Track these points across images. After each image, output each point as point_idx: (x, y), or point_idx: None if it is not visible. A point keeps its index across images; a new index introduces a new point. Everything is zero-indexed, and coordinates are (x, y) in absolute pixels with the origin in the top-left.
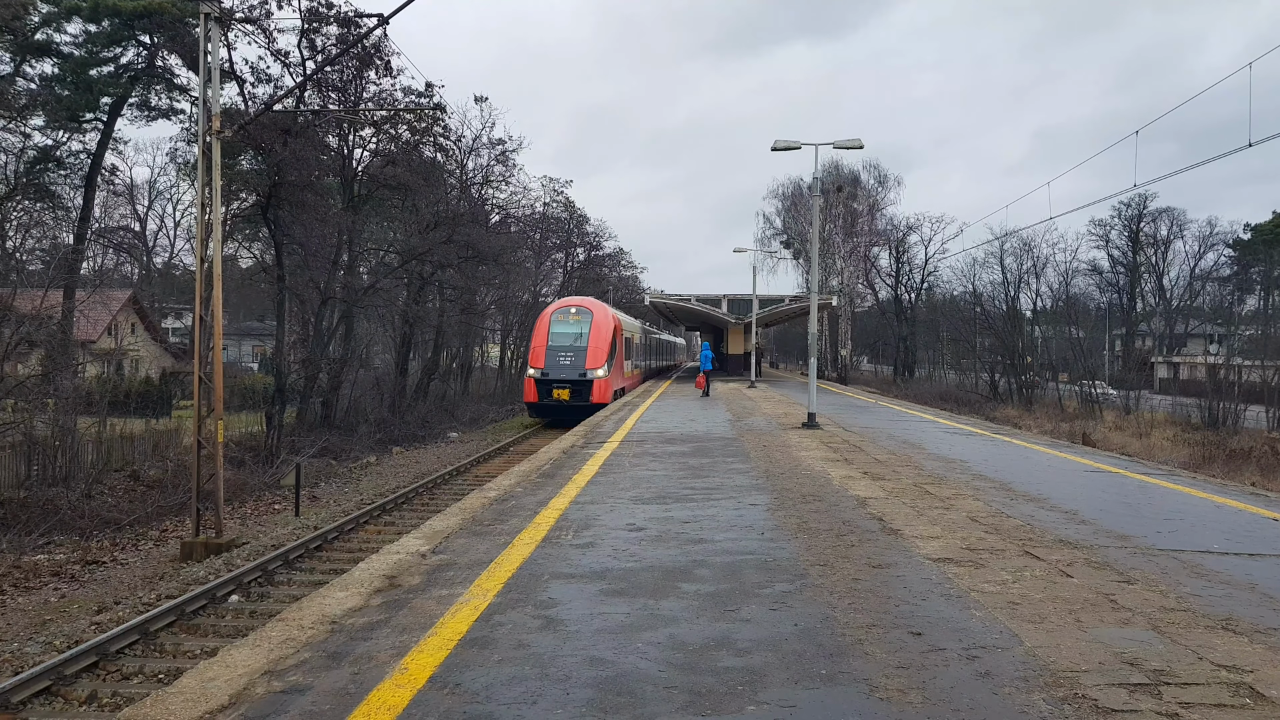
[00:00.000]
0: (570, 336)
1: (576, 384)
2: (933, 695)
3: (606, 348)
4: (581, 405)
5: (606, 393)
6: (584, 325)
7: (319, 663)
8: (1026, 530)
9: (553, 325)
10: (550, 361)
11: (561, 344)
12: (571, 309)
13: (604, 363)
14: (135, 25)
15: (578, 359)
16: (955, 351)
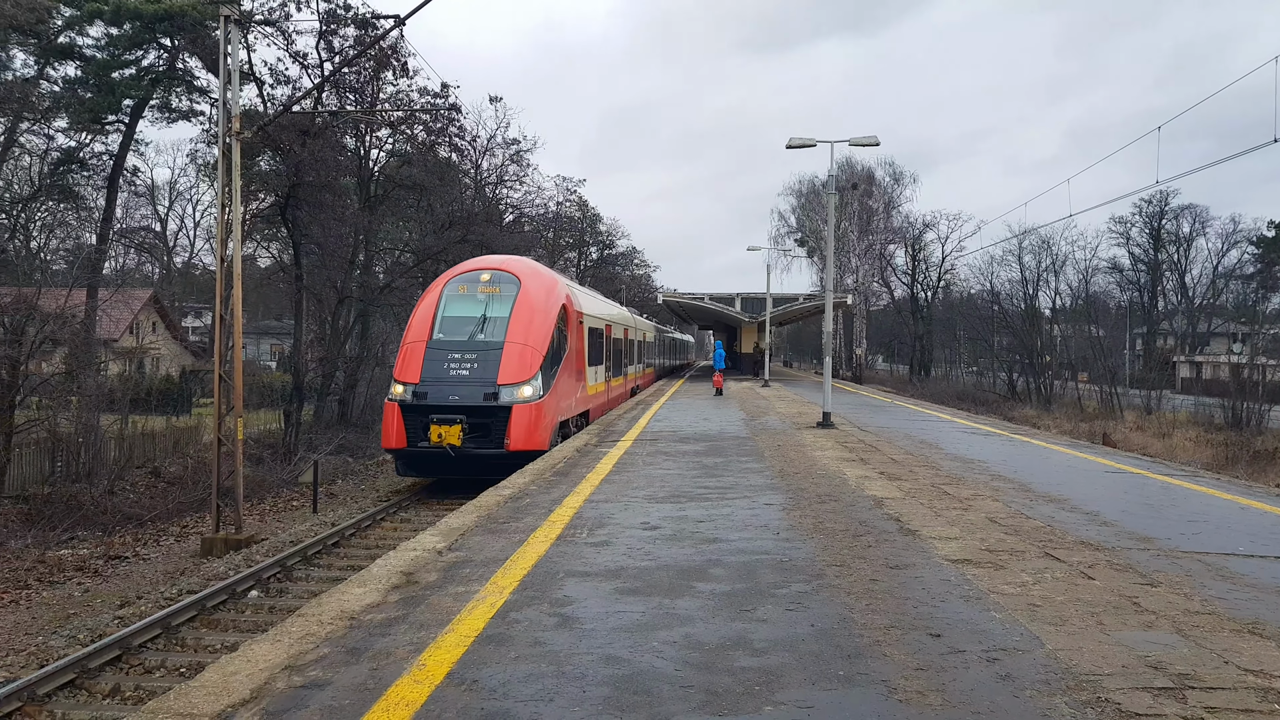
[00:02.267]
0: (473, 324)
1: (477, 415)
2: (952, 697)
3: (542, 344)
4: (486, 455)
5: (538, 429)
6: (502, 303)
7: (338, 658)
8: (1047, 531)
9: (444, 305)
10: (431, 371)
11: (456, 337)
12: (483, 273)
13: (535, 372)
14: (156, 28)
15: (483, 365)
16: (972, 350)
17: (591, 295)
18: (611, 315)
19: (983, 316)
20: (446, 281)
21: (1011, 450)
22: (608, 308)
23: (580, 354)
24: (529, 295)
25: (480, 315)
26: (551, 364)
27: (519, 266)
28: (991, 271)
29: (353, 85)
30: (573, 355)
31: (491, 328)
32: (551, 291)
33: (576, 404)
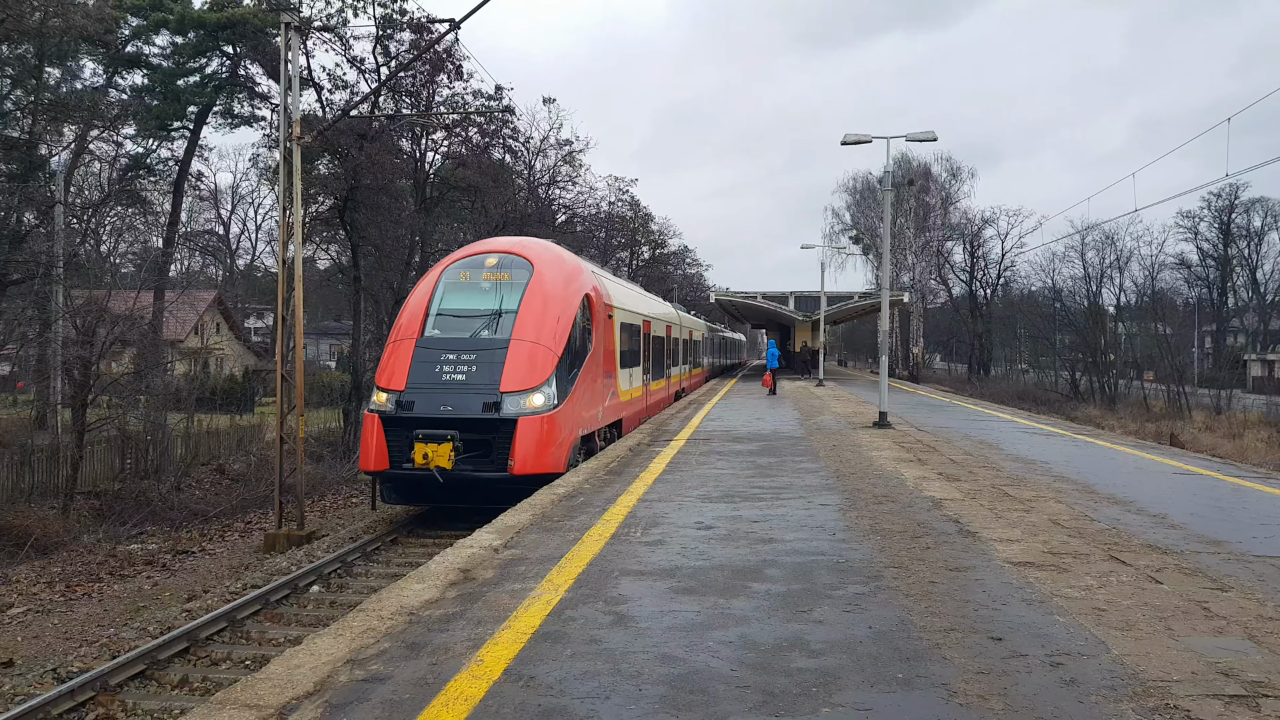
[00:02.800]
0: (474, 317)
1: (474, 429)
2: (1015, 702)
3: (558, 342)
4: (485, 480)
5: (551, 447)
6: (511, 292)
7: (398, 653)
8: (1112, 534)
9: (441, 295)
10: (420, 375)
11: (453, 334)
12: (489, 257)
13: (547, 376)
14: (219, 36)
15: (484, 369)
16: (1033, 349)
17: (627, 287)
18: (652, 311)
19: (1044, 314)
20: (445, 267)
21: (1074, 451)
22: (647, 302)
23: (610, 354)
24: (544, 283)
25: (483, 307)
26: (570, 366)
27: (533, 249)
28: (1053, 268)
29: (408, 89)
30: (599, 355)
31: (496, 322)
32: (573, 279)
33: (605, 413)
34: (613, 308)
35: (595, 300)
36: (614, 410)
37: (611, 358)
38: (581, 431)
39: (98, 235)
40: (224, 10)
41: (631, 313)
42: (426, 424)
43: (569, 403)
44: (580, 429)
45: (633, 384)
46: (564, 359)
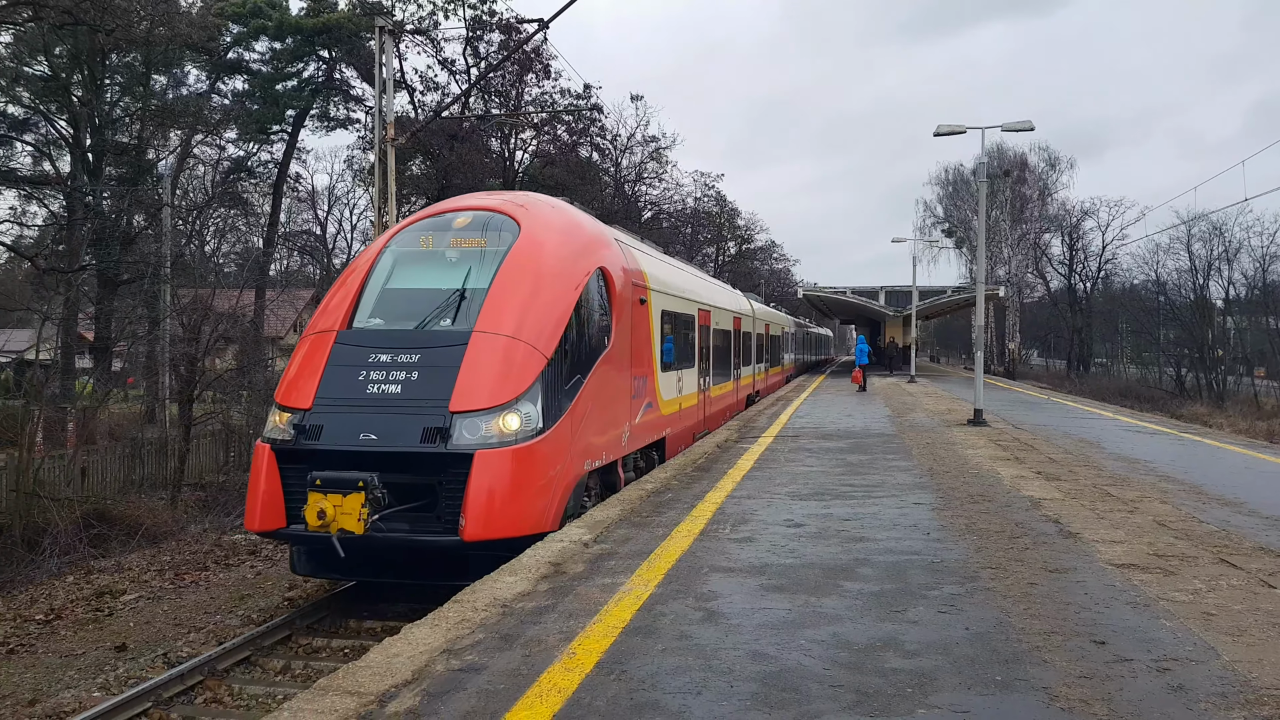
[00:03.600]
0: (427, 300)
1: (404, 469)
2: (1119, 708)
3: (548, 333)
4: (421, 545)
5: (526, 495)
6: (483, 264)
7: (492, 644)
8: (1221, 536)
9: (384, 269)
10: (336, 387)
11: (395, 324)
12: (459, 216)
13: (528, 385)
14: (315, 41)
15: (429, 376)
16: (1136, 345)
17: (677, 266)
18: (713, 298)
19: (1147, 308)
20: (398, 230)
21: (1180, 450)
22: (707, 287)
23: (644, 352)
24: (535, 252)
25: (442, 286)
26: (571, 370)
27: (525, 205)
28: (1157, 260)
29: (497, 89)
30: (624, 354)
31: (456, 308)
32: (585, 250)
33: (634, 433)
34: (649, 290)
35: (618, 278)
36: (650, 428)
37: (646, 357)
38: (592, 464)
39: (202, 236)
40: (320, 16)
41: (680, 298)
42: (333, 461)
43: (566, 424)
44: (588, 460)
45: (682, 390)
46: (558, 360)
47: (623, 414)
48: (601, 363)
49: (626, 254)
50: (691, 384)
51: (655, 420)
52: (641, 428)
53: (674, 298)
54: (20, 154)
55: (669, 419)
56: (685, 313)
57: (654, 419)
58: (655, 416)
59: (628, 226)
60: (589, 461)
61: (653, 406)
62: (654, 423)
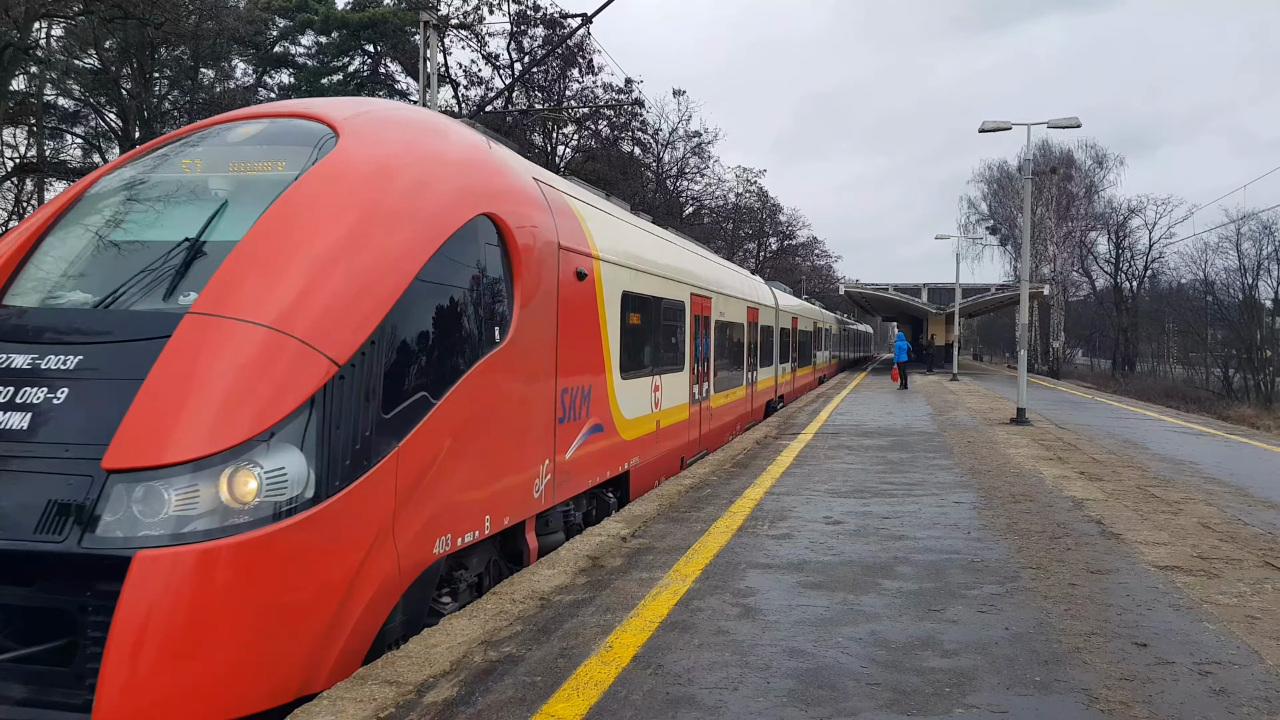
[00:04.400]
0: (144, 261)
1: (23, 575)
2: (1160, 710)
3: (347, 319)
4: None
5: (270, 645)
6: (257, 197)
7: (530, 636)
8: (1268, 540)
9: (106, 203)
10: None
11: (60, 301)
12: (250, 124)
13: (287, 412)
14: (361, 35)
15: (82, 398)
16: (1183, 345)
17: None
18: (717, 282)
19: (1194, 308)
20: (144, 150)
21: (1227, 452)
22: (708, 268)
23: (587, 350)
24: (343, 176)
25: (175, 238)
26: (413, 381)
27: (350, 112)
28: (1205, 259)
29: (540, 84)
30: (539, 352)
31: (177, 272)
32: (450, 178)
33: (565, 473)
34: (597, 260)
35: (525, 235)
36: (599, 461)
37: (591, 358)
38: (455, 541)
39: None
40: (366, 10)
41: (658, 278)
42: None
43: (381, 482)
44: (445, 536)
45: (661, 402)
46: (367, 367)
47: (535, 447)
48: (484, 369)
49: (553, 204)
50: (679, 393)
51: (609, 450)
52: (581, 463)
53: (646, 276)
54: (71, 146)
55: (634, 445)
56: (668, 299)
57: (606, 448)
58: (609, 444)
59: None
60: (445, 539)
61: (604, 430)
62: (606, 454)
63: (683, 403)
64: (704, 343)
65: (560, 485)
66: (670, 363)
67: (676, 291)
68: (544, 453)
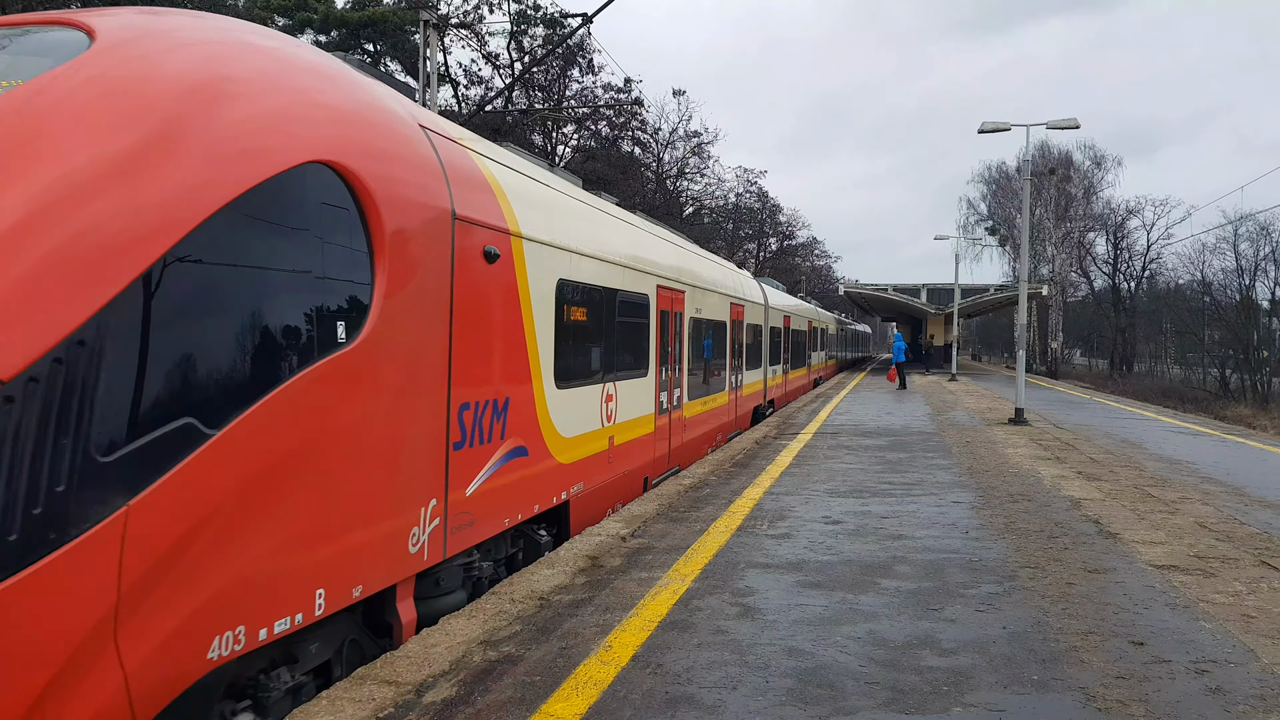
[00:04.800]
0: None
1: None
2: (1156, 709)
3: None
4: None
5: None
6: None
7: (529, 636)
8: (1263, 539)
9: None
10: None
11: None
12: None
13: None
14: (361, 34)
15: None
16: (1180, 345)
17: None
18: (690, 273)
19: (1192, 308)
20: None
21: (1224, 451)
22: (678, 255)
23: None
24: (61, 101)
25: None
26: (176, 401)
27: (109, 17)
28: (1202, 260)
29: (540, 84)
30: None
31: None
32: (265, 105)
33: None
34: (516, 239)
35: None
36: (525, 492)
37: (510, 362)
38: (238, 641)
39: None
40: (366, 9)
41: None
42: None
43: (70, 568)
44: (235, 628)
45: (615, 415)
46: (63, 380)
47: (411, 484)
48: (313, 381)
49: (450, 162)
50: (641, 403)
51: (537, 477)
52: (493, 498)
53: (594, 263)
54: None
55: (576, 469)
56: (627, 291)
57: (534, 476)
58: (538, 471)
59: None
60: (233, 635)
61: (529, 454)
62: (533, 483)
63: (647, 414)
64: (675, 343)
65: (458, 530)
66: (630, 367)
67: (638, 283)
68: (428, 490)
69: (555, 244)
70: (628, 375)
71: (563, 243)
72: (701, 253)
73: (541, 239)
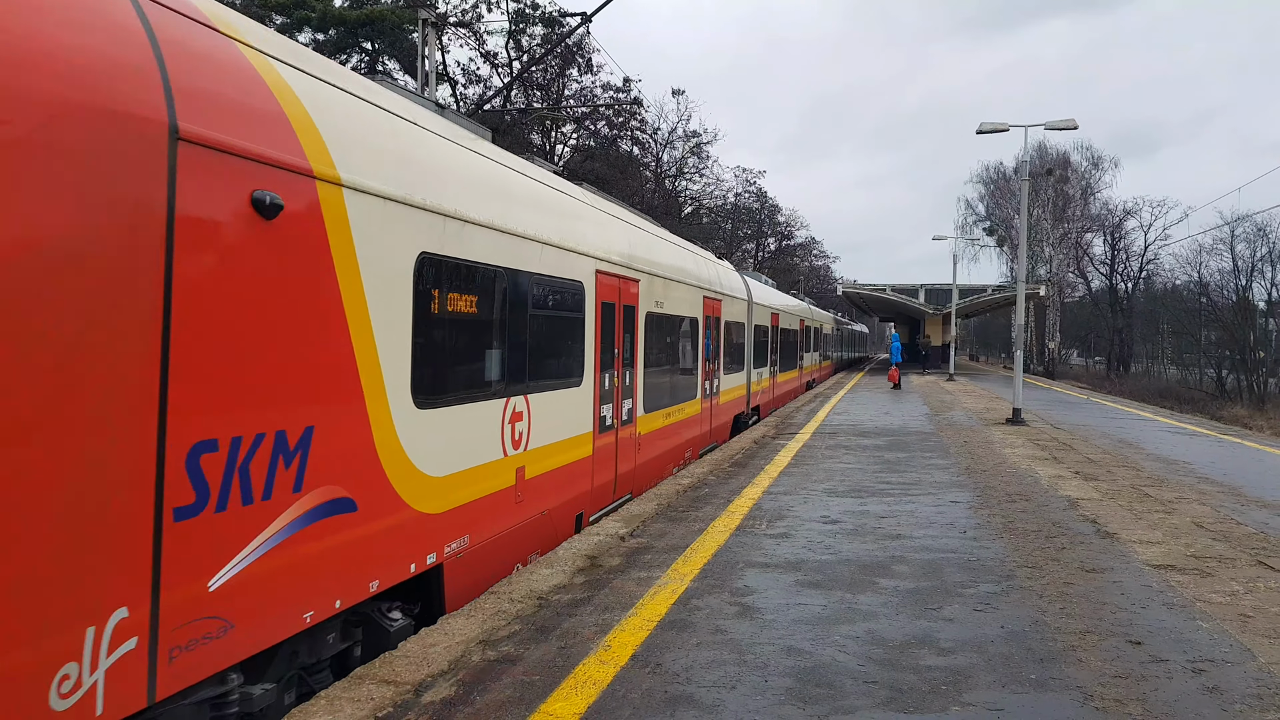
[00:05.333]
0: None
1: None
2: (1154, 708)
3: None
4: None
5: None
6: None
7: (528, 635)
8: (1260, 539)
9: None
10: None
11: None
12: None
13: None
14: (359, 33)
15: None
16: (1177, 346)
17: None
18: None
19: (1189, 309)
20: None
21: (1220, 452)
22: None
23: (272, 357)
24: None
25: None
26: None
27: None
28: (1199, 261)
29: (539, 83)
30: (86, 367)
31: None
32: None
33: (244, 607)
34: (323, 178)
35: None
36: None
37: (297, 371)
38: None
39: None
40: (364, 8)
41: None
42: None
43: None
44: None
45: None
46: None
47: (56, 582)
48: None
49: (166, 34)
50: (572, 420)
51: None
52: (286, 579)
53: (485, 234)
54: None
55: (455, 518)
56: (547, 276)
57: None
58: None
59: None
60: None
61: (362, 506)
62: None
63: (581, 433)
64: (624, 344)
65: (192, 648)
66: (554, 375)
67: (566, 266)
68: (103, 594)
69: (414, 202)
70: (550, 385)
71: (422, 200)
72: (668, 236)
73: (385, 191)
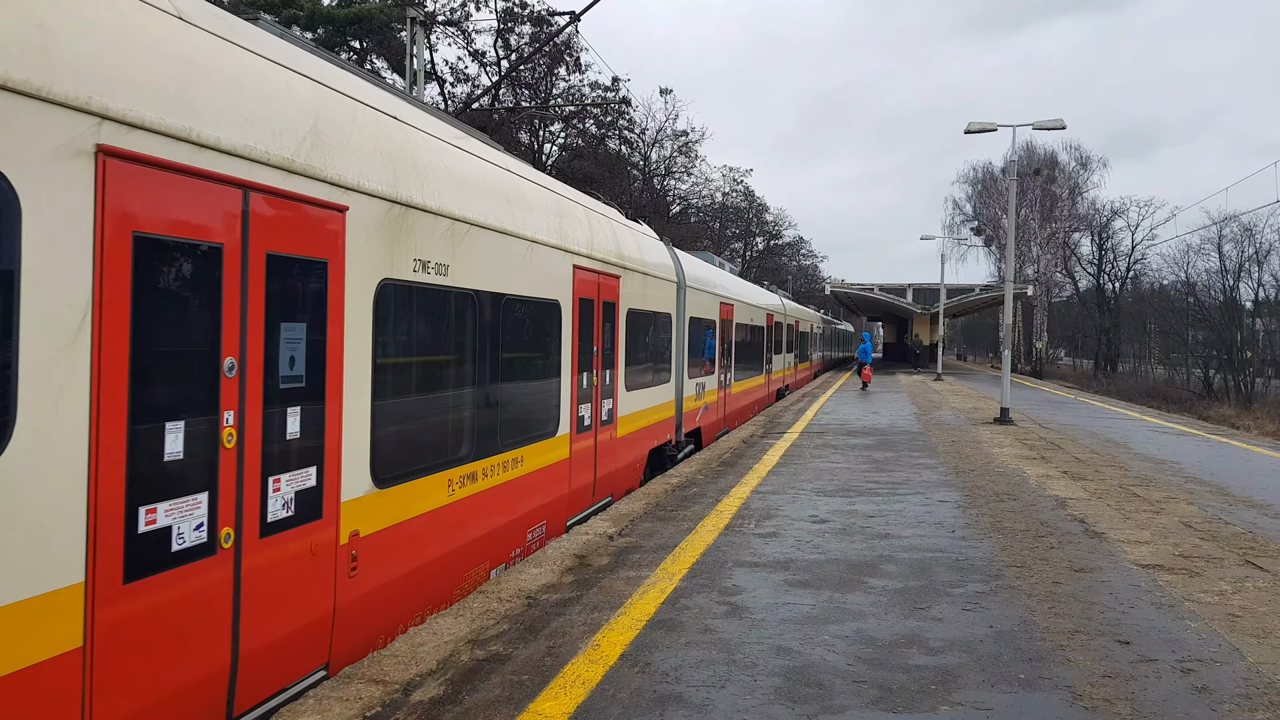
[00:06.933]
0: None
1: None
2: (1142, 707)
3: None
4: None
5: None
6: None
7: (517, 634)
8: (1248, 538)
9: None
10: None
11: None
12: None
13: None
14: (347, 32)
15: None
16: (1164, 345)
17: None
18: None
19: (1176, 309)
20: None
21: (1208, 451)
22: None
23: None
24: None
25: None
26: None
27: None
28: (1187, 261)
29: (527, 82)
30: None
31: None
32: None
33: None
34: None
35: None
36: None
37: None
38: None
39: None
40: (352, 6)
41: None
42: None
43: None
44: None
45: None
46: None
47: None
48: None
49: None
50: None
51: None
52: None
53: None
54: None
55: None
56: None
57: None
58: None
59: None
60: None
61: None
62: None
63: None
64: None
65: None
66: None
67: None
68: None
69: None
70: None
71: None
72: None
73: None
